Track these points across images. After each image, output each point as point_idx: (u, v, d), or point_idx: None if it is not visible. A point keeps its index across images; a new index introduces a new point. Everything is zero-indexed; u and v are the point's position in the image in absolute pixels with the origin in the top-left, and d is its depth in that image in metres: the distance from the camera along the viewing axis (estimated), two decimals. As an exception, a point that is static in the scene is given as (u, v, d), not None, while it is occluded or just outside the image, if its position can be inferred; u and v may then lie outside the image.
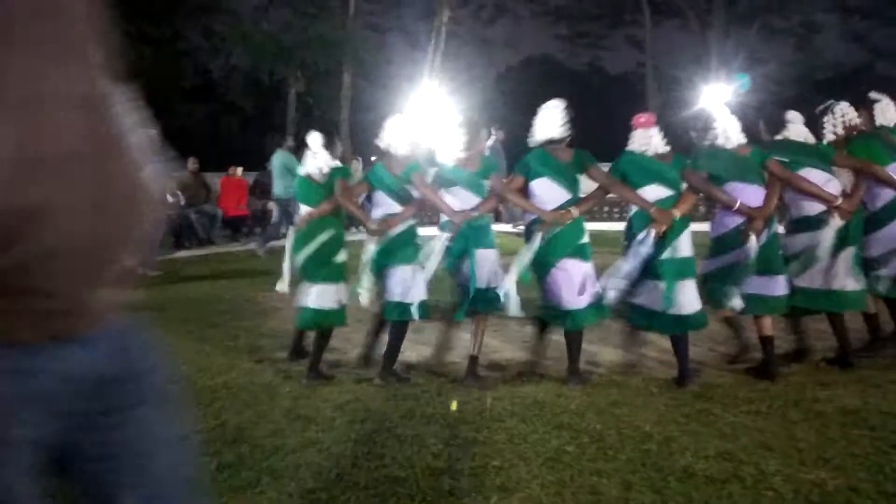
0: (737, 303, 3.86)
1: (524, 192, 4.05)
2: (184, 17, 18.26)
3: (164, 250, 10.06)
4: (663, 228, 3.79)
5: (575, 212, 3.90)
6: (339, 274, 4.13)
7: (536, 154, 4.06)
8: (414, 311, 4.00)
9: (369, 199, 4.51)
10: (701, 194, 4.12)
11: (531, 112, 4.30)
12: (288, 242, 4.30)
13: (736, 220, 3.91)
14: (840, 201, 3.98)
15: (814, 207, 4.03)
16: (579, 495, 2.58)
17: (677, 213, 3.83)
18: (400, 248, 4.04)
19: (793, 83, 21.67)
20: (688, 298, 3.83)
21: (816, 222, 4.00)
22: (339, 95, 17.94)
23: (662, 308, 3.80)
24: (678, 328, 3.84)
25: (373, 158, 14.12)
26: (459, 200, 4.04)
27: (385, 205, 4.11)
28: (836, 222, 3.96)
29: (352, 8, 17.55)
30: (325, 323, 4.11)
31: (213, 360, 4.53)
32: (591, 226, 4.24)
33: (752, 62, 19.89)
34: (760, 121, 4.31)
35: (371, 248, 4.08)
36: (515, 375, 4.08)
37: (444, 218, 4.08)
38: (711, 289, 3.99)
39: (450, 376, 4.07)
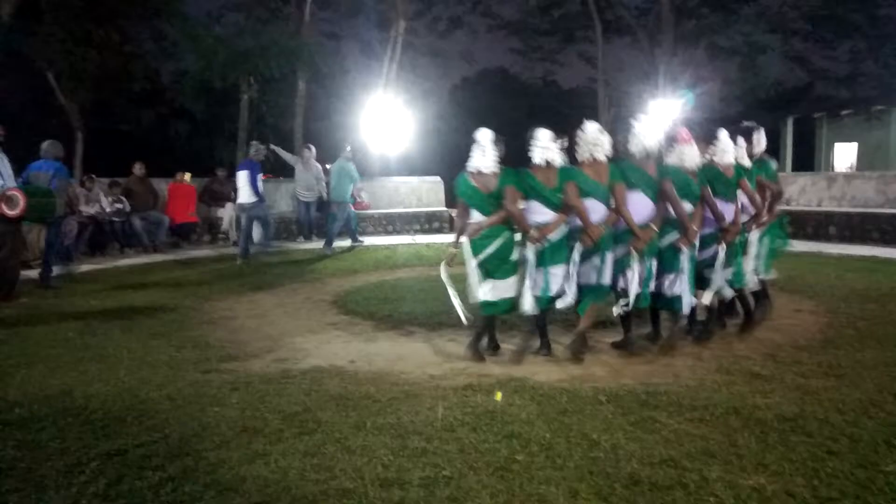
0: (727, 292, 5.04)
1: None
2: (133, 20, 17.79)
3: (106, 257, 9.78)
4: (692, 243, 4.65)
5: (655, 227, 4.57)
6: (513, 270, 4.58)
7: (631, 166, 4.60)
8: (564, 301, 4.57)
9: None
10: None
11: (486, 123, 4.66)
12: (465, 248, 4.65)
13: (714, 225, 4.85)
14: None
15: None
16: (528, 504, 2.60)
17: (697, 228, 4.68)
18: (557, 251, 4.52)
19: (736, 101, 22.46)
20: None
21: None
22: (293, 103, 17.75)
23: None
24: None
25: (327, 167, 14.07)
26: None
27: (540, 213, 4.51)
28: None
29: (307, 15, 17.42)
30: (503, 310, 4.65)
31: (156, 370, 4.40)
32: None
33: (698, 80, 20.53)
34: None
35: (529, 253, 4.52)
36: (466, 386, 4.07)
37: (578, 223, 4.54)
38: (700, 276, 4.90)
39: (401, 386, 4.05)
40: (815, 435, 3.22)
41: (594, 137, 4.56)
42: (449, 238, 12.60)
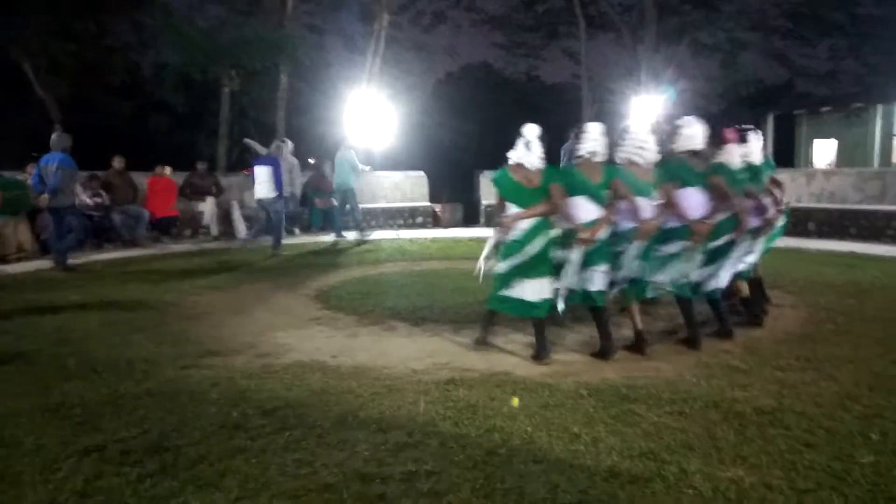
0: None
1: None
2: (112, 12, 17.54)
3: (84, 252, 9.66)
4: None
5: (712, 222, 4.64)
6: (549, 271, 4.41)
7: (682, 164, 4.66)
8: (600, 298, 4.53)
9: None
10: None
11: (470, 118, 4.62)
12: (490, 241, 4.56)
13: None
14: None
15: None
16: (508, 497, 2.61)
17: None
18: (601, 250, 4.41)
19: (718, 98, 22.62)
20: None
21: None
22: (275, 96, 17.60)
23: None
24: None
25: (310, 161, 13.98)
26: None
27: (585, 209, 4.35)
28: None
29: (289, 7, 17.26)
30: (533, 313, 4.42)
31: (135, 366, 4.35)
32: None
33: (681, 77, 20.64)
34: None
35: (574, 254, 4.34)
36: (448, 380, 4.07)
37: (625, 225, 4.49)
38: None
39: (384, 381, 4.04)
40: (793, 428, 3.26)
41: (642, 139, 4.54)
42: (432, 233, 12.61)
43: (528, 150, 4.32)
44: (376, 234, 12.26)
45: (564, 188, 4.36)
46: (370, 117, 14.93)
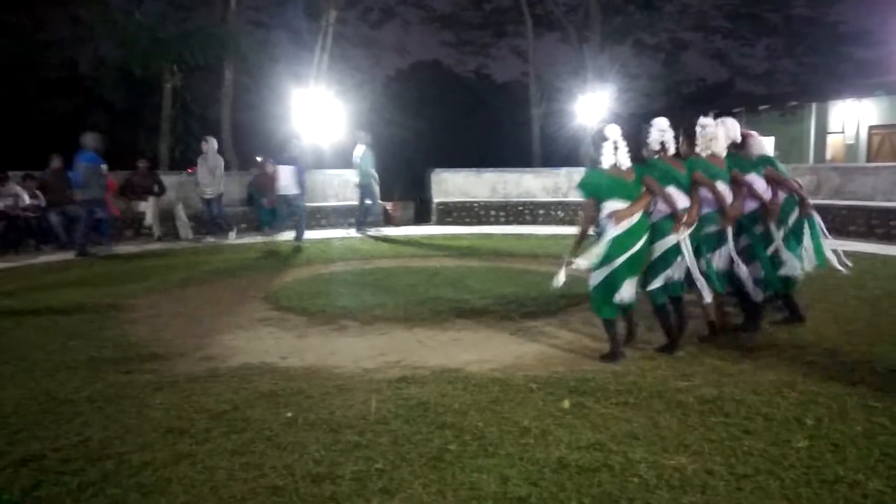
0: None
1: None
2: (47, 5, 16.86)
3: (20, 255, 9.29)
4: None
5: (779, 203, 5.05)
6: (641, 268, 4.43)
7: (732, 157, 4.85)
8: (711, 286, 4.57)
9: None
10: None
11: (420, 115, 4.55)
12: (609, 238, 4.25)
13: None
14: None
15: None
16: (459, 492, 2.62)
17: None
18: (702, 235, 4.54)
19: (661, 96, 23.21)
20: None
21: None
22: (219, 93, 17.23)
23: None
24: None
25: (258, 159, 13.69)
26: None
27: (678, 198, 4.44)
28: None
29: (232, 2, 16.90)
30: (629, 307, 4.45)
31: (75, 372, 4.21)
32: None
33: (625, 75, 21.08)
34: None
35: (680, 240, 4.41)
36: (400, 378, 4.07)
37: (707, 210, 4.61)
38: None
39: (334, 381, 4.01)
40: (733, 415, 3.38)
41: (713, 132, 4.64)
42: (384, 232, 12.54)
43: (616, 150, 4.31)
44: (328, 234, 12.18)
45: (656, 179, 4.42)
46: (319, 114, 14.77)
